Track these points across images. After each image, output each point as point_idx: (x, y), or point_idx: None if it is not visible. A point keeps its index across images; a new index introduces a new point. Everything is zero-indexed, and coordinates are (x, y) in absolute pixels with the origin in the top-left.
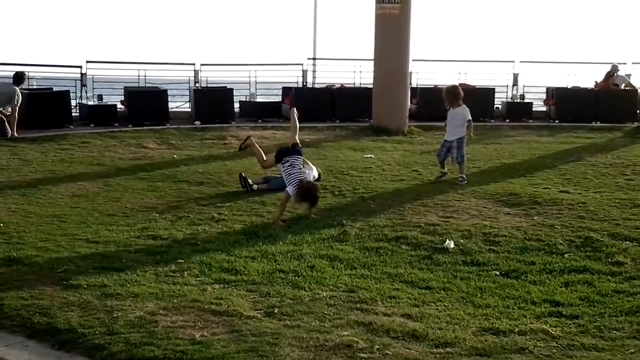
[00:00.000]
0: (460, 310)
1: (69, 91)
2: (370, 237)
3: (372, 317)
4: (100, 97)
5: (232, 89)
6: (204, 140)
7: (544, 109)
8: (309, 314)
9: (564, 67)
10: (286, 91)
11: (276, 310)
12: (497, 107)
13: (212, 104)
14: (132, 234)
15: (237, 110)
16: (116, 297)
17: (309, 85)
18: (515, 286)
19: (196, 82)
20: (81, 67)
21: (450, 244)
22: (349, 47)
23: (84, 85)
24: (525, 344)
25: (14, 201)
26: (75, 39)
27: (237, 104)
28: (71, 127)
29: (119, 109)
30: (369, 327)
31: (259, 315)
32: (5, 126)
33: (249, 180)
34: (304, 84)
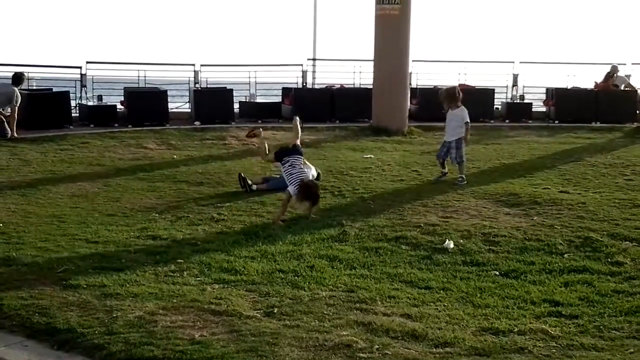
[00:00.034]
0: (459, 310)
1: (68, 92)
2: (369, 237)
3: (372, 317)
4: (100, 97)
5: (231, 90)
6: (203, 140)
7: (544, 109)
8: (308, 314)
9: (564, 68)
10: (286, 92)
11: (276, 310)
12: (497, 108)
13: (212, 105)
14: (132, 234)
15: (236, 110)
16: (115, 297)
17: (309, 85)
18: (514, 286)
19: (196, 83)
20: (81, 67)
21: (449, 244)
22: (349, 48)
23: (83, 85)
24: (524, 344)
25: (13, 201)
26: (75, 40)
27: (236, 105)
28: (71, 127)
29: (118, 110)
30: (369, 327)
31: (258, 315)
32: (5, 127)
33: (248, 180)
34: (304, 84)
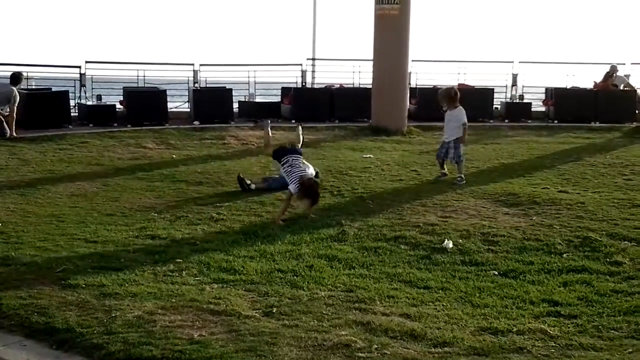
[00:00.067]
0: (458, 310)
1: (67, 91)
2: (368, 237)
3: (371, 316)
4: (99, 97)
5: (231, 89)
6: (202, 140)
7: (543, 109)
8: (307, 314)
9: (563, 68)
10: (285, 91)
11: (274, 309)
12: (496, 108)
13: (211, 104)
14: (131, 233)
15: (236, 110)
16: (114, 297)
17: (308, 85)
18: (513, 286)
19: (195, 82)
20: (80, 67)
21: (448, 244)
22: (348, 48)
23: (83, 85)
24: (523, 344)
25: (12, 201)
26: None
27: (236, 104)
28: (70, 127)
29: (118, 109)
30: (368, 327)
31: (257, 314)
32: (4, 126)
33: (246, 180)
34: (303, 84)
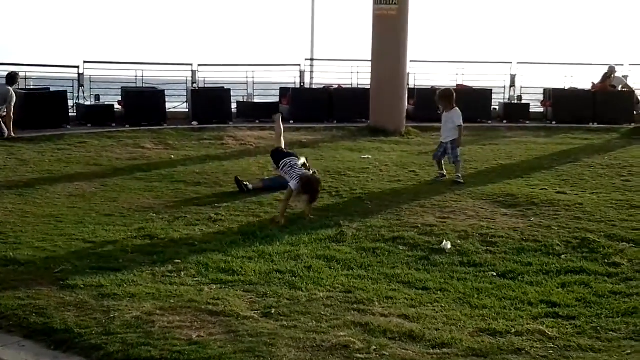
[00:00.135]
0: (457, 311)
1: (66, 91)
2: (367, 238)
3: (369, 317)
4: (97, 97)
5: (229, 90)
6: (201, 140)
7: (541, 110)
8: (306, 315)
9: (562, 69)
10: (284, 92)
11: (273, 310)
12: (495, 108)
13: (210, 105)
14: (129, 234)
15: (234, 110)
16: (113, 297)
17: (307, 85)
18: (512, 287)
19: (193, 83)
20: (78, 67)
21: (447, 245)
22: (347, 48)
23: (81, 85)
24: (522, 345)
25: (10, 201)
26: (72, 39)
27: (234, 105)
28: (68, 127)
29: (116, 109)
30: (366, 328)
31: (256, 315)
32: (1, 126)
33: (244, 182)
34: (302, 84)
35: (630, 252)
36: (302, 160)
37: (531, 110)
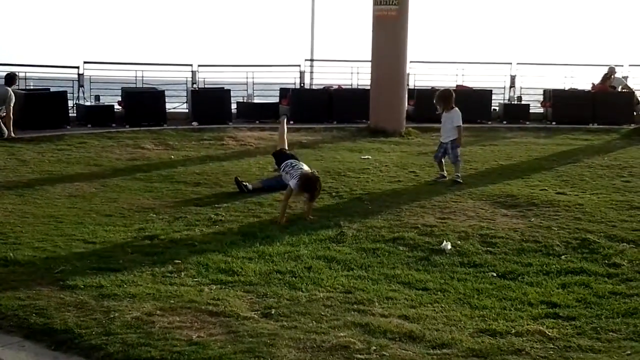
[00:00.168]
0: (457, 311)
1: (66, 92)
2: (367, 238)
3: (369, 318)
4: (97, 97)
5: (229, 90)
6: (201, 141)
7: (541, 110)
8: (306, 315)
9: (561, 69)
10: (284, 92)
11: (273, 311)
12: (495, 109)
13: (210, 105)
14: (129, 234)
15: (234, 111)
16: (113, 298)
17: (307, 86)
18: (512, 287)
19: (193, 83)
20: (78, 67)
21: (447, 245)
22: (347, 49)
23: (81, 85)
24: (522, 346)
25: (10, 201)
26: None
27: (234, 105)
28: (68, 127)
29: (116, 110)
30: (366, 328)
31: (256, 316)
32: (1, 127)
33: (243, 182)
34: (302, 85)
35: (630, 253)
36: (305, 166)
37: (531, 110)
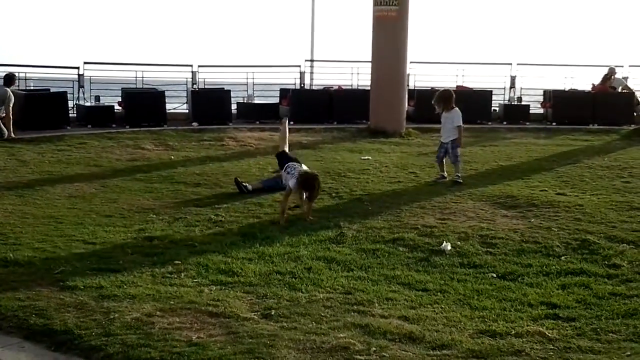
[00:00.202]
0: (457, 312)
1: (66, 92)
2: (367, 239)
3: (369, 319)
4: (97, 98)
5: (229, 91)
6: (201, 141)
7: (542, 111)
8: (305, 316)
9: (562, 70)
10: (284, 93)
11: (273, 312)
12: (495, 110)
13: (210, 106)
14: (129, 235)
15: (234, 111)
16: (113, 299)
17: (307, 87)
18: (512, 288)
19: (194, 84)
20: (78, 68)
21: (447, 246)
22: (347, 49)
23: (81, 86)
24: (521, 347)
25: (10, 202)
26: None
27: (234, 106)
28: (68, 128)
29: (116, 110)
30: (366, 329)
31: (255, 317)
32: (1, 127)
33: (243, 183)
34: (302, 85)
35: (630, 254)
36: (306, 168)
37: (531, 111)
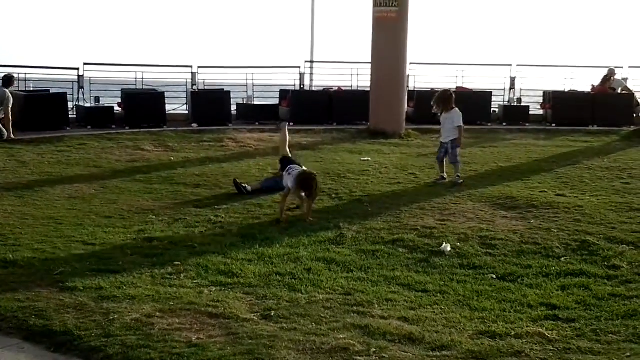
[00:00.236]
0: (456, 313)
1: (66, 93)
2: (367, 240)
3: (369, 320)
4: (97, 99)
5: (229, 92)
6: (201, 142)
7: (541, 112)
8: (305, 317)
9: (561, 71)
10: (283, 94)
11: (273, 313)
12: (494, 111)
13: (210, 107)
14: (129, 236)
15: (234, 112)
16: (112, 300)
17: (307, 88)
18: (511, 289)
19: (193, 85)
20: (78, 69)
21: (447, 247)
22: (347, 50)
23: (81, 87)
24: (521, 348)
25: (10, 203)
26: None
27: (234, 107)
28: (68, 129)
29: (116, 111)
30: (366, 330)
31: (255, 318)
32: (1, 129)
33: (242, 184)
34: (302, 86)
35: (629, 255)
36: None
37: (531, 112)
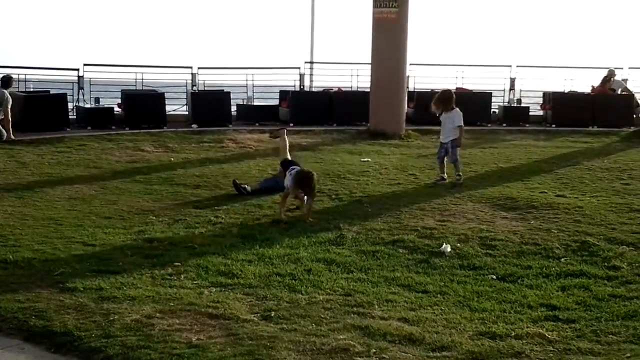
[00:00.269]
0: (456, 314)
1: (66, 94)
2: (367, 241)
3: (369, 320)
4: (97, 100)
5: (229, 92)
6: (201, 143)
7: (541, 113)
8: (305, 318)
9: (561, 72)
10: (283, 95)
11: (273, 313)
12: (494, 112)
13: (210, 107)
14: (129, 236)
15: (234, 113)
16: (112, 300)
17: (307, 88)
18: (511, 290)
19: (193, 85)
20: (78, 69)
21: (447, 248)
22: (347, 51)
23: (81, 88)
24: (521, 348)
25: (10, 204)
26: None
27: (234, 107)
28: (68, 129)
29: (116, 112)
30: (366, 331)
31: (255, 318)
32: (0, 130)
33: (242, 184)
34: (302, 87)
35: (629, 255)
36: None
37: (531, 113)
